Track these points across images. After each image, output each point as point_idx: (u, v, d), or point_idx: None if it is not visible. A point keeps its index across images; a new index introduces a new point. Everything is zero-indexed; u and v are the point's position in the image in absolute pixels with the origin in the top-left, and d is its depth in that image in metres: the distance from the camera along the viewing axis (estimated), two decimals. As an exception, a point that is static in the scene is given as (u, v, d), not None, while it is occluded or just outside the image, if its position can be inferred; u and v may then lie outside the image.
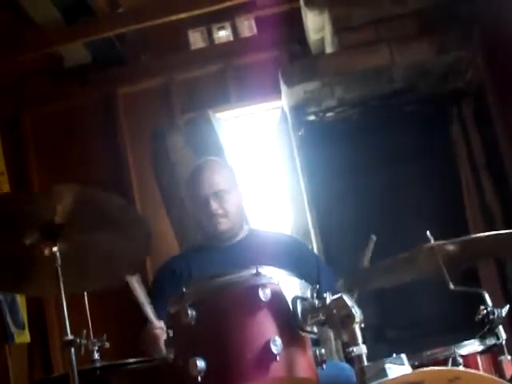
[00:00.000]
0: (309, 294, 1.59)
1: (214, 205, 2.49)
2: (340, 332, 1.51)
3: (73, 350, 1.82)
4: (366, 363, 1.50)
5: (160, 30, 4.18)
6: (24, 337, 3.90)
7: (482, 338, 1.86)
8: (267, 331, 1.51)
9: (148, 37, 4.36)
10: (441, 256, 1.95)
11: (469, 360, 1.82)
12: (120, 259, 2.08)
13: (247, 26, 4.39)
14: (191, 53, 4.42)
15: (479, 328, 1.87)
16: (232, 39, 4.40)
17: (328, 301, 1.52)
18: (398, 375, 1.52)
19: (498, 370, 1.82)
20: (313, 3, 3.73)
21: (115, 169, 4.31)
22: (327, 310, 1.52)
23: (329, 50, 3.81)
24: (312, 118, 3.85)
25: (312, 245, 3.61)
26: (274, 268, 1.61)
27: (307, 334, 1.56)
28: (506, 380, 1.74)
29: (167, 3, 4.01)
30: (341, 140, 3.84)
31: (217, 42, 4.41)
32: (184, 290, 1.59)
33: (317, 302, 1.55)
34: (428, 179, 3.84)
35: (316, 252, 3.46)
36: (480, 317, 1.86)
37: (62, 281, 1.87)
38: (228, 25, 4.40)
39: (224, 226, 2.52)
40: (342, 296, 1.51)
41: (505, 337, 1.84)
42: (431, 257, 1.97)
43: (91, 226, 1.95)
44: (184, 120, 4.26)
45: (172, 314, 1.62)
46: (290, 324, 1.54)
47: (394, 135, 3.81)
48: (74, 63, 4.38)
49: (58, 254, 1.89)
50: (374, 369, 1.51)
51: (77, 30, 4.05)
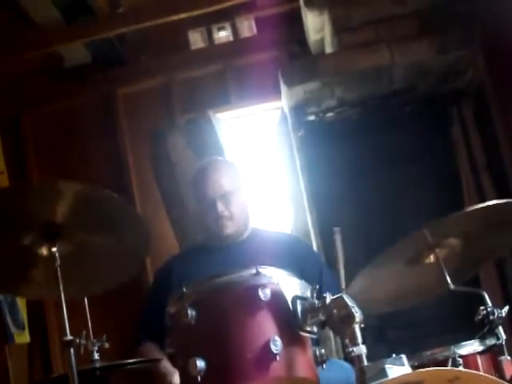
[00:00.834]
0: (309, 293, 1.59)
1: (220, 207, 2.48)
2: (340, 332, 1.52)
3: (72, 350, 1.82)
4: (365, 363, 1.50)
5: (160, 30, 4.17)
6: (24, 337, 3.90)
7: (482, 339, 1.86)
8: (267, 331, 1.52)
9: (148, 37, 4.36)
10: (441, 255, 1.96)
11: (468, 360, 1.82)
12: (120, 259, 2.08)
13: (247, 27, 4.39)
14: (191, 53, 4.41)
15: (479, 328, 1.86)
16: (232, 39, 4.39)
17: (328, 301, 1.53)
18: (398, 375, 1.52)
19: (498, 371, 1.81)
20: (313, 3, 3.73)
21: (115, 169, 4.30)
22: (327, 310, 1.52)
23: (329, 50, 3.81)
24: (312, 118, 3.85)
25: (312, 245, 3.61)
26: (274, 268, 1.61)
27: (307, 334, 1.56)
28: (505, 380, 1.74)
29: (167, 3, 4.01)
30: (341, 140, 3.84)
31: (217, 42, 4.41)
32: (184, 289, 1.59)
33: (317, 301, 1.55)
34: (428, 180, 3.83)
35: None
36: (480, 317, 1.85)
37: (61, 281, 1.86)
38: (228, 25, 4.39)
39: (229, 229, 2.52)
40: (341, 296, 1.51)
41: (505, 337, 1.84)
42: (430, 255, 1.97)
43: (91, 225, 1.95)
44: (184, 120, 4.26)
45: (172, 314, 1.62)
46: (289, 324, 1.54)
47: (394, 135, 3.81)
48: (74, 63, 4.38)
49: (57, 255, 1.88)
50: (374, 369, 1.52)
51: (77, 29, 4.04)
